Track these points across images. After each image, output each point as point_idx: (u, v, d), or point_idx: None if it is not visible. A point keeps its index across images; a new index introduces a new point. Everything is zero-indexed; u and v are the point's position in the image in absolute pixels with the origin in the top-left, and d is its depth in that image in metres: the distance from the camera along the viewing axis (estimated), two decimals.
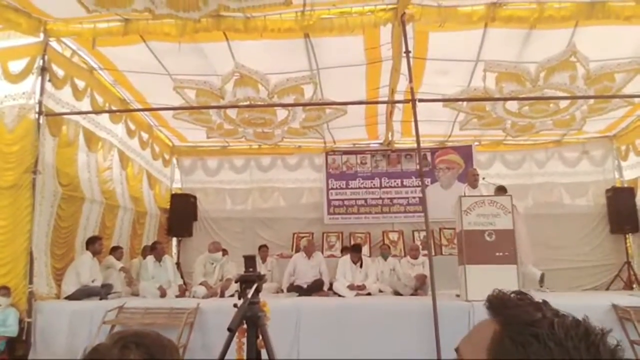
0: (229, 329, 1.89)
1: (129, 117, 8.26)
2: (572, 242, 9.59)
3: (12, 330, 5.33)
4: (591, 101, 7.66)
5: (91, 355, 1.02)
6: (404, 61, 6.08)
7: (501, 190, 6.93)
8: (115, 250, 7.48)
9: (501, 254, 5.64)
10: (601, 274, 9.43)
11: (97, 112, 7.16)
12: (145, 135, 8.94)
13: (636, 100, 7.65)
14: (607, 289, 9.14)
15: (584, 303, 5.55)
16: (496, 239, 5.69)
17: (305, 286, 7.22)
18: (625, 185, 9.80)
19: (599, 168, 10.01)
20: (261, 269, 7.83)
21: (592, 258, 9.52)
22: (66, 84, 6.47)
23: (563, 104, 7.73)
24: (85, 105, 6.88)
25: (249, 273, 2.28)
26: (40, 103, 6.06)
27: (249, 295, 2.11)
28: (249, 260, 2.37)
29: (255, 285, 2.17)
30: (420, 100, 6.01)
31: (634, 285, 9.06)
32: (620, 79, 6.79)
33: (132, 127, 8.41)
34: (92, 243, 6.68)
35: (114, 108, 7.64)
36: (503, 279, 5.53)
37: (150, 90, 7.52)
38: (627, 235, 9.62)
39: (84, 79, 6.82)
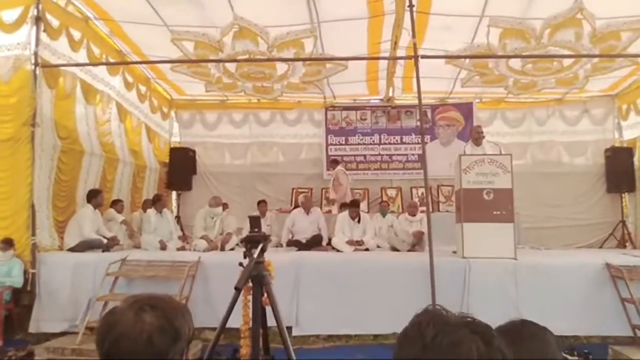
0: (235, 288, 1.94)
1: (126, 69, 8.12)
2: (569, 200, 9.71)
3: (17, 280, 5.44)
4: (595, 60, 7.55)
5: (107, 317, 1.05)
6: (406, 15, 5.95)
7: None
8: (116, 204, 7.53)
9: (499, 212, 5.71)
10: (596, 232, 9.61)
11: (94, 64, 7.03)
12: (143, 88, 8.83)
13: None
14: (601, 246, 9.33)
15: (579, 261, 5.66)
16: (494, 198, 5.75)
17: (304, 241, 7.33)
18: (625, 145, 9.82)
19: (599, 127, 10.00)
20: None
21: (588, 216, 9.66)
22: (61, 35, 6.31)
23: (567, 62, 7.63)
24: (81, 56, 6.74)
25: (255, 233, 2.32)
26: (35, 54, 5.93)
27: (255, 255, 2.16)
28: (254, 221, 2.41)
29: (260, 245, 2.21)
30: (423, 57, 5.92)
31: (627, 244, 9.25)
32: (626, 37, 6.66)
33: (130, 79, 8.28)
34: (94, 196, 6.72)
35: (111, 60, 7.50)
36: (499, 236, 5.64)
37: (147, 42, 7.35)
38: (623, 195, 9.74)
39: (79, 29, 6.65)
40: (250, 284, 2.19)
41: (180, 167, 9.96)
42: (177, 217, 9.77)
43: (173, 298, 1.10)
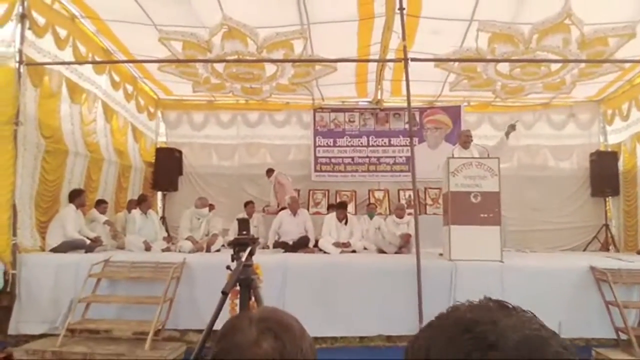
0: (223, 292, 1.90)
1: (113, 68, 8.02)
2: (554, 204, 9.80)
3: None
4: (582, 65, 7.63)
5: (234, 320, 0.99)
6: (397, 18, 5.94)
7: None
8: (99, 204, 7.43)
9: (486, 215, 5.72)
10: (580, 235, 9.71)
11: (80, 62, 6.94)
12: (129, 88, 8.73)
13: (627, 65, 7.63)
14: (585, 249, 9.42)
15: (564, 265, 5.69)
16: (481, 201, 5.77)
17: (291, 243, 7.29)
18: (609, 149, 9.94)
19: (585, 132, 10.12)
20: None
21: (572, 220, 9.76)
22: (47, 32, 6.21)
23: (554, 67, 7.70)
24: (67, 55, 6.64)
25: (243, 236, 2.28)
26: (20, 52, 5.82)
27: (243, 259, 2.11)
28: (243, 223, 2.37)
29: (249, 249, 2.17)
30: (413, 60, 5.92)
31: (610, 247, 9.35)
32: (614, 43, 6.73)
33: (117, 78, 8.19)
34: (77, 196, 6.62)
35: (97, 59, 7.41)
36: (486, 239, 5.65)
37: (134, 41, 7.27)
38: (607, 199, 9.85)
39: (65, 28, 6.56)
40: (238, 287, 2.15)
41: (167, 168, 9.87)
42: (163, 218, 9.68)
43: (307, 336, 1.00)
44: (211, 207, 8.07)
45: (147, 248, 6.69)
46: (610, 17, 6.33)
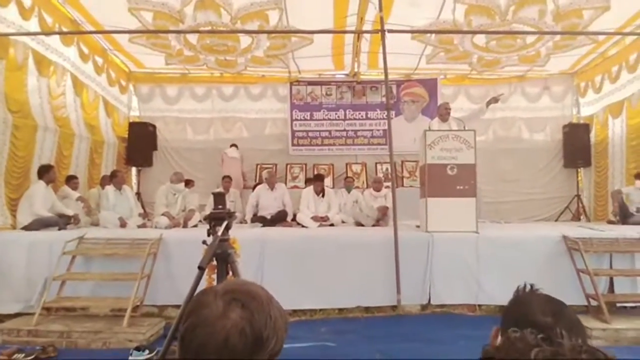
0: (199, 267, 1.87)
1: (81, 40, 7.74)
2: (528, 175, 9.99)
3: None
4: (557, 37, 7.67)
5: (200, 297, 0.97)
6: None
7: None
8: (70, 180, 7.25)
9: (462, 187, 5.78)
10: (552, 205, 9.94)
11: (47, 33, 6.67)
12: (99, 60, 8.47)
13: (600, 37, 7.71)
14: (557, 220, 9.66)
15: (538, 235, 5.81)
16: (458, 173, 5.81)
17: (268, 217, 7.28)
18: (582, 121, 10.12)
19: (559, 104, 10.26)
20: None
21: (545, 191, 9.98)
22: (11, 1, 5.94)
23: (530, 39, 7.73)
24: (33, 25, 6.38)
25: (219, 210, 2.24)
26: None
27: (219, 233, 2.08)
28: (219, 198, 2.32)
29: (225, 223, 2.14)
30: (390, 31, 5.87)
31: (582, 217, 9.61)
32: (588, 16, 6.78)
33: (85, 50, 7.92)
34: (46, 171, 6.42)
35: (64, 29, 7.13)
36: (462, 211, 5.73)
37: (103, 12, 7.00)
38: (578, 170, 10.08)
39: None
40: (215, 262, 2.12)
41: (140, 143, 9.67)
42: (138, 194, 9.53)
43: (274, 302, 0.98)
44: (189, 183, 7.97)
45: (122, 224, 6.59)
46: None
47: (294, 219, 7.46)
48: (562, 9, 6.60)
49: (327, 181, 9.21)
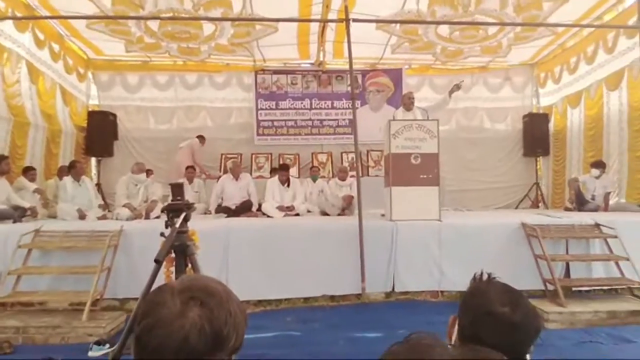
0: (155, 261, 1.83)
1: (36, 25, 7.42)
2: (490, 164, 10.21)
3: None
4: (518, 29, 7.82)
5: (155, 295, 0.92)
6: None
7: None
8: (27, 172, 7.00)
9: (425, 176, 5.86)
10: (512, 193, 10.21)
11: None
12: (56, 47, 8.15)
13: (559, 29, 7.90)
14: (517, 207, 9.93)
15: (497, 222, 5.95)
16: (421, 162, 5.89)
17: (233, 207, 7.20)
18: (541, 111, 10.40)
19: (519, 94, 10.50)
20: (187, 190, 7.67)
21: (506, 179, 10.23)
22: None
23: (492, 30, 7.86)
24: None
25: (177, 202, 2.19)
26: None
27: (177, 225, 2.03)
28: (176, 188, 2.27)
29: (183, 215, 2.09)
30: (355, 20, 5.86)
31: (540, 204, 9.90)
32: (547, 7, 6.93)
33: (41, 37, 7.60)
34: None
35: (17, 14, 6.82)
36: (425, 200, 5.81)
37: None
38: (538, 158, 10.37)
39: None
40: (173, 255, 2.07)
41: (100, 132, 9.38)
42: (98, 185, 9.27)
43: (233, 297, 0.95)
44: (149, 172, 7.79)
45: (82, 216, 6.39)
46: None
47: (259, 209, 7.40)
48: (522, 1, 6.73)
49: (293, 171, 9.18)
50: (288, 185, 7.46)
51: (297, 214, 7.17)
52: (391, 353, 0.68)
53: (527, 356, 1.23)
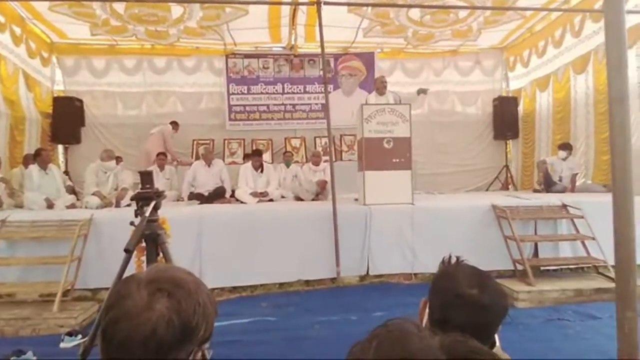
0: (125, 250, 1.79)
1: None
2: (461, 147, 10.34)
3: None
4: (488, 13, 7.89)
5: (121, 287, 0.89)
6: None
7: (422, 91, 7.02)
8: None
9: (398, 160, 5.90)
10: (483, 176, 10.38)
11: None
12: (17, 30, 7.83)
13: (528, 13, 7.99)
14: (487, 189, 10.12)
15: (469, 204, 6.06)
16: (394, 146, 5.92)
17: (206, 194, 7.13)
18: (511, 95, 10.56)
19: (489, 78, 10.62)
20: (159, 177, 7.55)
21: (476, 162, 10.39)
22: None
23: (462, 14, 7.90)
24: None
25: (146, 190, 2.14)
26: None
27: (147, 214, 1.99)
28: (146, 176, 2.22)
29: (153, 203, 2.05)
30: (326, 3, 5.80)
31: (510, 186, 10.11)
32: None
33: (1, 19, 7.29)
34: None
35: None
36: (398, 183, 5.86)
37: None
38: (507, 141, 10.56)
39: None
40: (144, 244, 2.04)
41: (66, 119, 9.11)
42: (66, 173, 9.03)
43: (202, 287, 0.93)
44: (118, 159, 7.63)
45: (49, 205, 6.23)
46: None
47: (232, 196, 7.35)
48: None
49: (266, 156, 9.13)
50: (261, 171, 7.42)
51: (271, 200, 7.16)
52: (375, 337, 0.67)
53: (496, 336, 1.26)
